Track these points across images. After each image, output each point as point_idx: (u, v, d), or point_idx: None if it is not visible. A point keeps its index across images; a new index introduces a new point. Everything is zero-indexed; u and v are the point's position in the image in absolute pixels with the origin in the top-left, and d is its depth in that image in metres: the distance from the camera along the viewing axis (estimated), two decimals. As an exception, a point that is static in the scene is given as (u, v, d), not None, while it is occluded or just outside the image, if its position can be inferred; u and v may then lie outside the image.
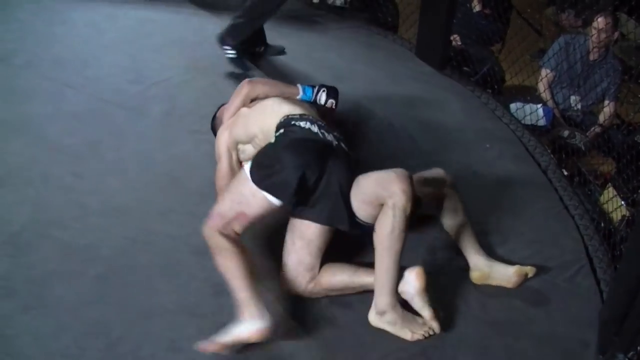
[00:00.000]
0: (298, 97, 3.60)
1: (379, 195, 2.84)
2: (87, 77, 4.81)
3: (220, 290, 3.01)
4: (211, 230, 2.91)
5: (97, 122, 4.27)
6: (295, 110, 3.27)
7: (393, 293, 2.92)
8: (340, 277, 3.05)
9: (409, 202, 2.79)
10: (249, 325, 2.75)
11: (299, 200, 2.94)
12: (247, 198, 2.92)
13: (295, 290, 3.05)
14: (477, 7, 6.42)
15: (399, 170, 2.87)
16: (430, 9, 5.42)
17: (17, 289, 2.99)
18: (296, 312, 2.99)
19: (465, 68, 5.73)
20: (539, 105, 5.31)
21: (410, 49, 5.82)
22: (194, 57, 5.31)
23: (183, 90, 4.78)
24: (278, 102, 3.38)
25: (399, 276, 2.94)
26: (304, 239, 3.03)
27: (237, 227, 2.94)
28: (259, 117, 3.35)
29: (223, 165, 3.45)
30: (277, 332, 2.82)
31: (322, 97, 3.67)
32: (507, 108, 5.20)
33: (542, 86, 5.60)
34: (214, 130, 3.72)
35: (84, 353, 2.71)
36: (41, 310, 2.89)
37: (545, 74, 5.59)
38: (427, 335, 2.93)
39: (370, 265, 3.03)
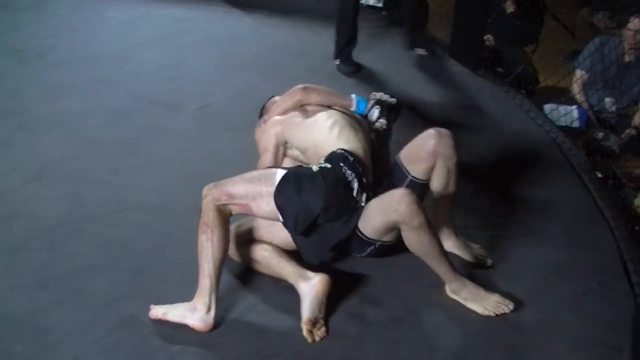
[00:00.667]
0: (351, 109, 3.45)
1: (392, 221, 2.85)
2: (123, 74, 4.87)
3: (252, 287, 3.05)
4: (211, 201, 2.87)
5: (133, 118, 4.33)
6: (350, 142, 3.12)
7: (457, 277, 2.98)
8: (267, 254, 3.06)
9: (421, 214, 2.76)
10: (197, 315, 2.82)
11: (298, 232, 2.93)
12: (261, 199, 2.89)
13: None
14: (510, 8, 6.39)
15: (397, 194, 2.82)
16: (464, 9, 5.41)
17: (52, 282, 3.03)
18: (326, 310, 2.99)
19: (498, 69, 5.70)
20: (574, 107, 5.25)
21: (443, 48, 5.81)
22: (228, 55, 5.35)
23: (218, 87, 4.81)
24: (331, 122, 3.21)
25: None
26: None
27: (235, 212, 2.92)
28: (314, 133, 3.22)
29: (268, 158, 3.33)
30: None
31: (374, 114, 3.44)
32: (541, 109, 5.15)
33: (576, 87, 5.53)
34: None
35: (117, 346, 2.73)
36: (76, 303, 2.92)
37: (580, 75, 5.53)
38: (498, 312, 2.99)
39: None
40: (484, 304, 3.00)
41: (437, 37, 6.11)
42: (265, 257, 3.04)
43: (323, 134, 3.15)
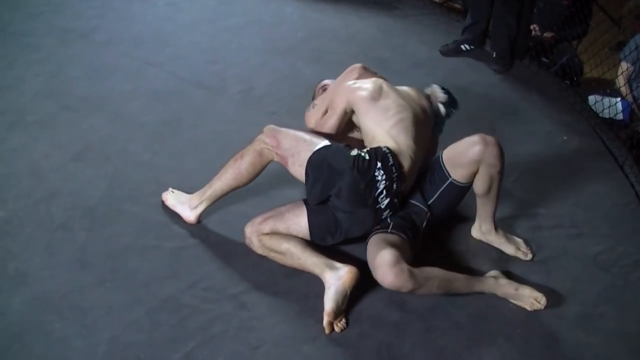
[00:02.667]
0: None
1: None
2: (166, 56, 4.86)
3: (292, 271, 3.01)
4: (261, 141, 3.13)
5: (175, 100, 4.32)
6: (401, 142, 3.08)
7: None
8: (291, 245, 3.01)
9: (406, 283, 2.74)
10: (186, 207, 3.26)
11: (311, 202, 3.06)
12: (298, 158, 3.03)
13: (246, 228, 3.08)
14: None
15: (383, 261, 2.78)
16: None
17: (92, 262, 3.02)
18: (365, 296, 2.96)
19: (544, 59, 5.62)
20: (618, 99, 5.16)
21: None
22: (271, 38, 5.32)
23: (260, 71, 4.79)
24: (398, 118, 3.15)
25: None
26: (292, 218, 3.05)
27: (275, 160, 3.12)
28: (376, 121, 3.16)
29: (331, 122, 3.29)
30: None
31: (442, 110, 3.41)
32: (586, 100, 5.08)
33: (621, 80, 5.44)
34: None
35: (155, 327, 2.72)
36: (115, 283, 2.92)
37: (626, 67, 5.43)
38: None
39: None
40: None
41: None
42: (289, 248, 2.99)
43: (383, 126, 3.13)
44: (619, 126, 4.94)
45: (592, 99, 5.12)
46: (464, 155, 3.08)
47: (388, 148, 3.01)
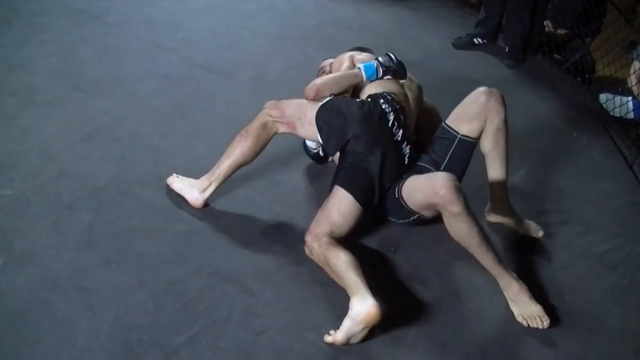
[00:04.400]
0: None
1: (432, 203, 2.87)
2: (178, 40, 4.86)
3: (298, 259, 3.01)
4: (264, 114, 3.24)
5: (186, 84, 4.32)
6: (394, 90, 3.36)
7: (503, 273, 2.89)
8: (341, 260, 2.86)
9: (461, 201, 2.76)
10: (194, 191, 3.25)
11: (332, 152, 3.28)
12: (305, 119, 3.19)
13: (306, 238, 3.00)
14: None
15: (439, 178, 2.85)
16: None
17: (99, 243, 3.01)
18: (372, 288, 2.94)
19: (556, 55, 5.61)
20: (629, 98, 5.14)
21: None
22: (285, 26, 5.33)
23: (273, 58, 4.79)
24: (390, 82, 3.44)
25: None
26: (335, 203, 3.05)
27: (282, 130, 3.25)
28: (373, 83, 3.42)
29: (341, 71, 3.48)
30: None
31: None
32: (597, 98, 5.07)
33: (633, 79, 5.41)
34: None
35: (160, 310, 2.71)
36: (121, 265, 2.91)
37: (638, 66, 5.39)
38: (531, 325, 2.88)
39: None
40: (523, 310, 2.90)
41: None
42: (337, 264, 2.85)
43: (374, 85, 3.39)
44: (629, 125, 4.92)
45: (603, 97, 5.11)
46: (471, 107, 3.20)
47: (384, 91, 3.29)
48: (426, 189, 2.89)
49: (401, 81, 3.50)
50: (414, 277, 3.06)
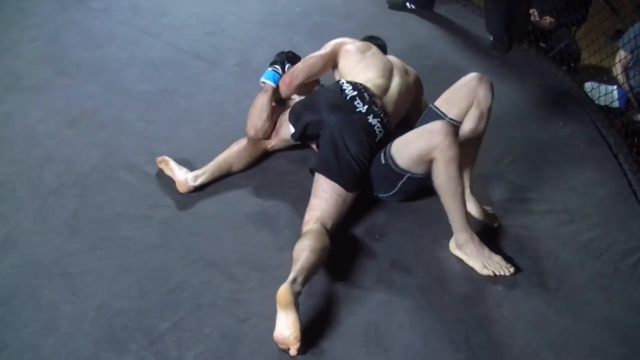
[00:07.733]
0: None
1: (428, 148, 2.94)
2: (164, 26, 4.84)
3: (284, 245, 3.01)
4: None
5: (172, 70, 4.30)
6: (377, 83, 3.46)
7: (466, 228, 3.05)
8: (299, 247, 2.82)
9: (456, 146, 2.91)
10: (186, 176, 3.28)
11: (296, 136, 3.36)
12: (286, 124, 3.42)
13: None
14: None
15: (438, 123, 2.97)
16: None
17: (83, 228, 3.01)
18: (354, 275, 2.97)
19: (542, 44, 5.62)
20: (614, 87, 5.16)
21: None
22: (271, 12, 5.31)
23: (259, 44, 4.77)
24: (383, 69, 3.57)
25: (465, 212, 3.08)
26: (317, 188, 3.12)
27: (271, 145, 3.55)
28: (363, 71, 3.53)
29: (317, 56, 3.66)
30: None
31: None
32: (582, 87, 5.08)
33: (618, 68, 5.44)
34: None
35: (144, 296, 2.72)
36: (106, 250, 2.91)
37: (624, 56, 5.43)
38: (497, 273, 3.03)
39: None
40: (486, 262, 3.06)
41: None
42: (296, 248, 2.82)
43: (355, 72, 3.54)
44: (614, 114, 4.95)
45: (588, 85, 5.13)
46: (461, 91, 3.23)
47: (353, 80, 3.42)
48: (422, 136, 2.98)
49: (396, 71, 3.60)
50: (398, 264, 3.07)
